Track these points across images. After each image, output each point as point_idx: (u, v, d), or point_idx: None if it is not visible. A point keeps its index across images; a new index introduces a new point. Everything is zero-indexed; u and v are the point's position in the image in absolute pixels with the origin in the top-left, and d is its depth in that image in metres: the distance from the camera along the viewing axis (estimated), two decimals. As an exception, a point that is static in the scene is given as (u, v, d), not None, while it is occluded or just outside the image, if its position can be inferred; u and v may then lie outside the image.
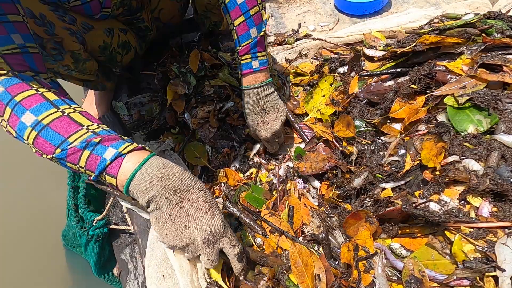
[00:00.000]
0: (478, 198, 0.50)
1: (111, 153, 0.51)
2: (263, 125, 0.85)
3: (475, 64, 0.63)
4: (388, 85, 0.75)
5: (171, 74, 1.09)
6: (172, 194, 0.52)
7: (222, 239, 0.54)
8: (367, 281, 0.55)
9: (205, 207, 0.53)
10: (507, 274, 0.41)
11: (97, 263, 0.93)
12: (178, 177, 0.53)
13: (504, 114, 0.54)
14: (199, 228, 0.52)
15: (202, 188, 0.54)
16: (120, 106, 1.24)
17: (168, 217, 0.52)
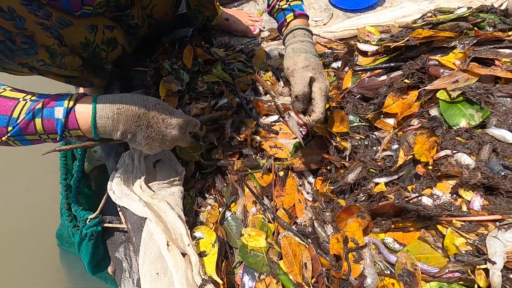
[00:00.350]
0: (469, 192, 0.51)
1: (60, 111, 0.57)
2: (321, 72, 0.71)
3: (467, 58, 0.63)
4: (382, 80, 0.75)
5: (164, 71, 1.08)
6: (138, 121, 0.62)
7: (188, 126, 0.73)
8: (357, 272, 0.56)
9: (167, 114, 0.66)
10: (497, 266, 0.41)
11: (91, 262, 0.92)
12: (132, 105, 0.61)
13: (496, 108, 0.54)
14: (172, 130, 0.67)
15: (155, 102, 0.65)
16: (112, 103, 1.22)
17: (147, 137, 0.64)
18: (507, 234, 0.43)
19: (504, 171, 0.48)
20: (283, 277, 0.63)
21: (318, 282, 0.59)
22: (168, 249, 0.58)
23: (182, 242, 0.62)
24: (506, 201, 0.47)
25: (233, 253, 0.75)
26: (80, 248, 0.89)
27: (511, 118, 0.52)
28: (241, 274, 0.68)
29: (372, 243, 0.59)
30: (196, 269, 0.57)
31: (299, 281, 0.61)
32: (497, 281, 0.41)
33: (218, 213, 0.81)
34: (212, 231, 0.72)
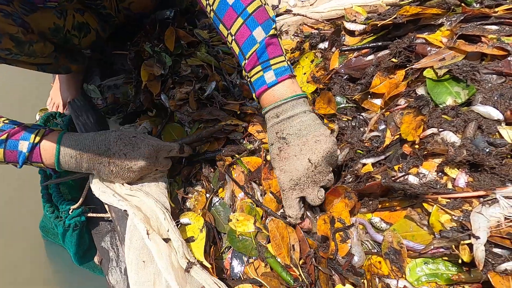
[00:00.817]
0: (455, 170, 0.51)
1: (25, 145, 0.60)
2: (279, 161, 0.59)
3: (454, 35, 0.62)
4: (369, 60, 0.74)
5: (145, 54, 1.03)
6: (100, 159, 0.65)
7: (159, 153, 0.72)
8: (344, 251, 0.57)
9: (129, 148, 0.66)
10: (481, 241, 0.42)
11: (77, 253, 0.90)
12: (93, 146, 0.64)
13: (482, 85, 0.54)
14: (137, 162, 0.67)
15: (116, 138, 0.66)
16: (92, 89, 1.17)
17: (111, 171, 0.67)
18: (490, 210, 0.43)
19: (488, 148, 0.48)
20: (271, 260, 0.63)
21: (306, 263, 0.60)
22: (149, 238, 0.56)
23: (163, 228, 0.61)
24: (489, 177, 0.47)
25: (221, 239, 0.74)
26: (64, 239, 0.87)
27: (496, 95, 0.52)
28: (230, 258, 0.68)
29: (359, 223, 0.59)
30: (180, 253, 0.56)
31: (287, 263, 0.61)
32: (480, 255, 0.41)
33: (205, 199, 0.80)
34: (200, 216, 0.71)
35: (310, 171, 0.56)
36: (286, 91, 0.58)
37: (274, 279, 0.58)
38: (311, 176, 0.57)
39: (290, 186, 0.58)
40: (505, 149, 0.47)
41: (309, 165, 0.56)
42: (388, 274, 0.51)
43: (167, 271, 0.54)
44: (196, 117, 0.93)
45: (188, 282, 0.57)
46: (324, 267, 0.58)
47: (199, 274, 0.56)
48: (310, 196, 0.58)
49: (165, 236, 0.60)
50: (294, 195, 0.59)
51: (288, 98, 0.58)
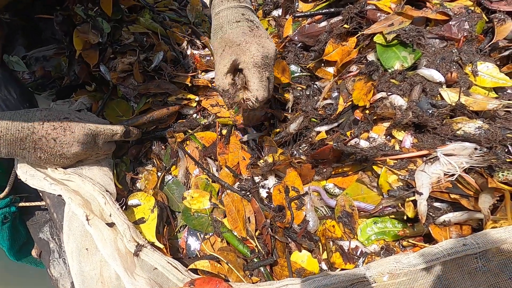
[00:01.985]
0: (401, 132, 0.52)
1: None
2: (253, 37, 0.56)
3: (402, 1, 0.62)
4: (322, 26, 0.72)
5: (77, 18, 0.89)
6: (22, 144, 0.55)
7: (98, 137, 0.63)
8: (300, 218, 0.57)
9: (60, 132, 0.57)
10: (424, 197, 0.44)
11: (11, 248, 0.79)
12: (11, 128, 0.54)
13: (426, 49, 0.56)
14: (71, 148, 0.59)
15: (41, 119, 0.57)
16: (15, 62, 1.00)
17: (39, 158, 0.58)
18: (432, 167, 0.45)
19: (431, 109, 0.50)
20: (227, 234, 0.61)
21: (263, 233, 0.59)
22: (89, 224, 0.51)
23: (105, 213, 0.55)
24: (432, 137, 0.49)
25: (175, 218, 0.70)
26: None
27: (438, 58, 0.54)
28: (185, 237, 0.65)
29: (314, 191, 0.60)
30: (127, 237, 0.52)
31: (244, 236, 0.60)
32: (423, 210, 0.44)
33: (156, 178, 0.74)
34: (151, 196, 0.66)
35: (242, 30, 0.57)
36: None
37: (231, 253, 0.57)
38: (274, 60, 0.59)
39: (263, 58, 0.55)
40: (445, 110, 0.49)
41: (275, 48, 0.58)
42: (341, 236, 0.53)
43: (112, 258, 0.49)
44: (142, 90, 0.84)
45: (139, 265, 0.53)
46: (281, 236, 0.58)
47: (151, 256, 0.52)
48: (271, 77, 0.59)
49: (108, 221, 0.54)
50: (265, 74, 0.56)
51: None
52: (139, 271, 0.52)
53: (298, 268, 0.53)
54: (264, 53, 0.55)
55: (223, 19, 0.58)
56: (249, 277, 0.55)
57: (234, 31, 0.56)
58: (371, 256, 0.49)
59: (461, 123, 0.48)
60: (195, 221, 0.66)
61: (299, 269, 0.53)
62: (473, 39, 0.54)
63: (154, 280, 0.51)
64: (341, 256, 0.51)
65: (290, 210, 0.57)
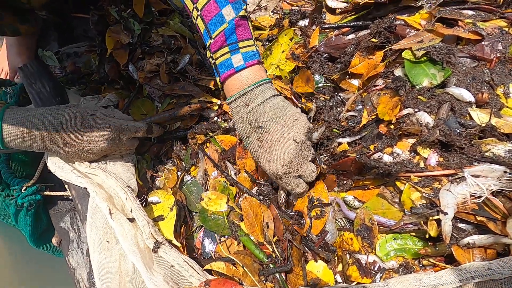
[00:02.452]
0: (427, 149, 0.52)
1: None
2: (263, 152, 0.56)
3: (433, 18, 0.62)
4: (349, 39, 0.73)
5: (110, 18, 0.93)
6: (53, 139, 0.57)
7: (123, 134, 0.64)
8: (318, 229, 0.57)
9: (87, 128, 0.59)
10: (448, 217, 0.43)
11: (32, 234, 0.83)
12: (43, 124, 0.56)
13: (456, 68, 0.55)
14: (97, 143, 0.60)
15: (70, 116, 0.59)
16: (49, 56, 1.05)
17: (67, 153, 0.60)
18: (458, 187, 0.45)
19: (459, 129, 0.49)
20: (244, 238, 0.62)
21: (280, 239, 0.59)
22: (112, 217, 0.52)
23: (126, 208, 0.57)
24: (459, 157, 0.49)
25: (192, 218, 0.72)
26: (17, 219, 0.79)
27: (469, 78, 0.53)
28: (201, 237, 0.66)
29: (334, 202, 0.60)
30: (146, 233, 0.53)
31: (261, 241, 0.60)
32: (447, 230, 0.43)
33: (176, 177, 0.76)
34: (170, 195, 0.67)
35: (298, 151, 0.55)
36: (253, 76, 0.55)
37: (247, 257, 0.57)
38: (300, 155, 0.56)
39: (285, 171, 0.55)
40: (474, 130, 0.49)
41: (296, 145, 0.55)
42: (359, 250, 0.53)
43: (132, 252, 0.50)
44: (167, 91, 0.87)
45: (156, 262, 0.54)
46: (298, 244, 0.58)
47: (168, 254, 0.53)
48: (306, 173, 0.57)
49: (129, 216, 0.56)
50: (292, 176, 0.57)
51: (256, 84, 0.54)
52: (156, 267, 0.54)
53: (313, 278, 0.53)
54: (275, 168, 0.55)
55: (238, 131, 0.60)
56: (263, 282, 0.55)
57: (249, 149, 0.59)
58: (389, 272, 0.49)
59: (491, 145, 0.47)
60: (212, 223, 0.67)
61: (314, 279, 0.53)
62: (506, 61, 0.54)
63: (171, 277, 0.52)
64: (358, 269, 0.50)
65: (310, 219, 0.57)
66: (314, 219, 0.58)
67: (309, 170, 0.57)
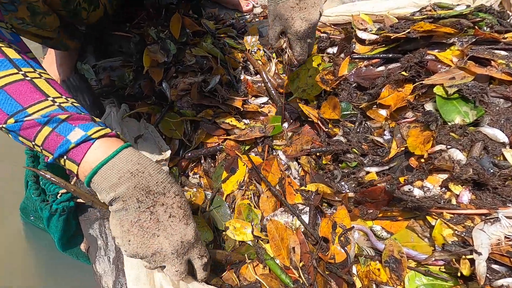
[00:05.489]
0: (459, 186, 0.53)
1: (78, 135, 0.44)
2: (299, 10, 0.60)
3: (465, 56, 0.64)
4: (379, 71, 0.75)
5: (149, 39, 0.99)
6: (144, 196, 0.45)
7: (192, 250, 0.49)
8: (341, 257, 0.58)
9: (180, 214, 0.47)
10: (483, 257, 0.44)
11: (61, 238, 0.86)
12: (154, 176, 0.46)
13: (489, 108, 0.56)
14: (170, 237, 0.46)
15: (178, 192, 0.48)
16: (86, 69, 1.11)
17: (136, 221, 0.45)
18: (492, 228, 0.45)
19: (493, 169, 0.50)
20: (270, 262, 0.63)
21: (306, 265, 0.60)
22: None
23: None
24: (492, 197, 0.49)
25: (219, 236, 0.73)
26: (49, 223, 0.83)
27: (503, 118, 0.54)
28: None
29: (360, 230, 0.61)
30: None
31: (287, 265, 0.61)
32: (482, 271, 0.44)
33: (204, 196, 0.78)
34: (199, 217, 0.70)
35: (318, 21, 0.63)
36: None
37: (274, 280, 0.58)
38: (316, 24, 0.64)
39: (308, 29, 0.63)
40: (508, 171, 0.50)
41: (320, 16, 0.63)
42: (387, 281, 0.53)
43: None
44: (196, 101, 0.91)
45: None
46: (323, 271, 0.59)
47: None
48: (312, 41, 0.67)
49: None
50: (306, 42, 0.66)
51: None
52: None
53: (340, 307, 0.54)
54: (306, 26, 0.61)
55: None
56: (289, 308, 0.56)
57: (284, 4, 0.61)
58: (418, 308, 0.49)
59: (525, 187, 0.48)
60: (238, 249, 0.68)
61: (341, 307, 0.54)
62: (540, 103, 0.55)
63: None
64: (385, 302, 0.51)
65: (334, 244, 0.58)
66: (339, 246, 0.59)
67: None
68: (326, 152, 0.74)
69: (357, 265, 0.58)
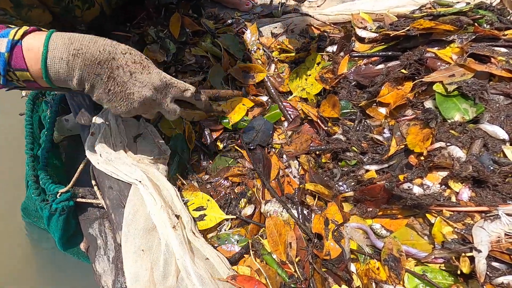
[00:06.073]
0: (458, 184, 0.53)
1: (3, 43, 0.45)
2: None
3: (464, 53, 0.64)
4: (379, 69, 0.75)
5: (148, 38, 0.99)
6: (98, 68, 0.49)
7: (170, 89, 0.56)
8: (336, 252, 0.58)
9: (138, 68, 0.52)
10: (483, 255, 0.43)
11: (62, 238, 0.86)
12: (92, 47, 0.49)
13: (489, 105, 0.56)
14: (142, 89, 0.52)
15: (125, 50, 0.52)
16: (87, 69, 1.11)
17: (107, 91, 0.51)
18: (492, 225, 0.45)
19: (493, 166, 0.50)
20: (267, 257, 0.63)
21: (302, 260, 0.60)
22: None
23: (174, 207, 0.60)
24: (492, 194, 0.49)
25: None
26: (49, 223, 0.83)
27: (503, 115, 0.54)
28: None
29: (358, 228, 0.61)
30: (188, 227, 0.58)
31: (283, 260, 0.61)
32: (482, 268, 0.43)
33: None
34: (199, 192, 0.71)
35: None
36: None
37: (272, 269, 0.59)
38: None
39: None
40: (508, 168, 0.49)
41: None
42: (386, 280, 0.53)
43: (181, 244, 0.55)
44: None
45: (196, 255, 0.58)
46: (319, 267, 0.58)
47: (205, 247, 0.57)
48: None
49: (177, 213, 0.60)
50: None
51: None
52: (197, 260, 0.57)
53: (339, 304, 0.54)
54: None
55: None
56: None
57: None
58: (417, 306, 0.49)
59: (525, 184, 0.47)
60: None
61: (340, 305, 0.54)
62: (540, 100, 0.54)
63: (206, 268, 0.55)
64: (385, 300, 0.51)
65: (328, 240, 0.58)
66: (334, 241, 0.59)
67: None
68: (326, 150, 0.74)
69: (356, 263, 0.58)
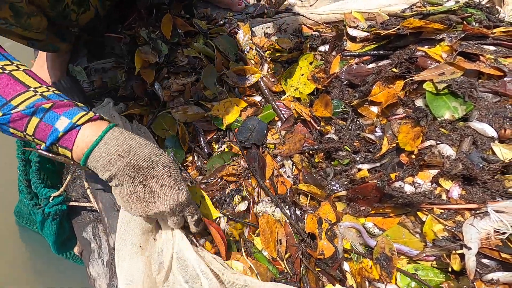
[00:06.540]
0: (449, 181, 0.53)
1: (64, 123, 0.47)
2: None
3: (454, 51, 0.64)
4: (370, 68, 0.75)
5: (140, 39, 0.98)
6: (135, 172, 0.50)
7: (186, 208, 0.57)
8: (330, 251, 0.58)
9: (171, 182, 0.53)
10: (472, 252, 0.44)
11: (55, 242, 0.85)
12: (140, 154, 0.50)
13: (478, 103, 0.57)
14: (165, 202, 0.53)
15: (166, 163, 0.53)
16: (78, 71, 1.11)
17: (132, 193, 0.51)
18: (481, 222, 0.46)
19: (482, 163, 0.50)
20: (258, 255, 0.63)
21: (292, 256, 0.61)
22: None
23: None
24: (481, 191, 0.49)
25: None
26: (43, 227, 0.82)
27: (491, 113, 0.54)
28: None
29: (351, 227, 0.61)
30: None
31: (274, 256, 0.61)
32: (471, 265, 0.44)
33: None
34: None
35: None
36: None
37: (263, 265, 0.59)
38: None
39: None
40: (497, 165, 0.50)
41: None
42: (379, 278, 0.53)
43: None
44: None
45: None
46: (313, 266, 0.59)
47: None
48: None
49: None
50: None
51: None
52: None
53: (332, 304, 0.54)
54: None
55: None
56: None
57: None
58: (410, 304, 0.49)
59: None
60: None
61: (334, 304, 0.54)
62: (528, 97, 0.55)
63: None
64: (378, 298, 0.51)
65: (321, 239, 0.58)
66: (327, 241, 0.59)
67: None
68: (319, 150, 0.74)
69: (349, 262, 0.58)
